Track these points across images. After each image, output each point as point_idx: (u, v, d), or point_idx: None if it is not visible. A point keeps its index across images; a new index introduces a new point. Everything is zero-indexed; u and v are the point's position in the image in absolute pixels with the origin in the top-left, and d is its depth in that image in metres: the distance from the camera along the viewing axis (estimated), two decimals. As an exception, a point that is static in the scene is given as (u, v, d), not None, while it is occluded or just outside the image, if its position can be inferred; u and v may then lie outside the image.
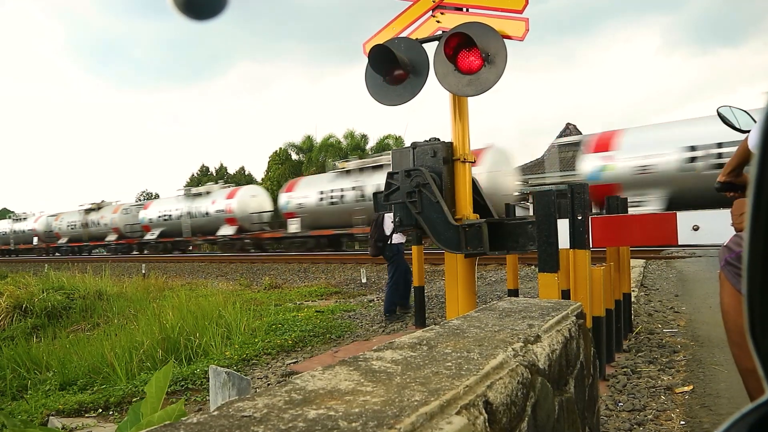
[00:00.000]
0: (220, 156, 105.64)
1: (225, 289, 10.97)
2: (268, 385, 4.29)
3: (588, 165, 14.70)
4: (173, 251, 26.93)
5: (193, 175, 45.19)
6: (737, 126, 2.42)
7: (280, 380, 4.37)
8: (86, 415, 4.12)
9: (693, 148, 12.79)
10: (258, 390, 3.33)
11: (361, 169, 18.77)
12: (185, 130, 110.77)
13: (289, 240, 21.19)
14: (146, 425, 1.43)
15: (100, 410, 4.18)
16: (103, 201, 31.91)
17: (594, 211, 13.64)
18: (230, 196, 23.92)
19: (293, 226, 20.66)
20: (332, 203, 19.27)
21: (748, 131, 2.37)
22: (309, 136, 33.85)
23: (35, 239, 35.89)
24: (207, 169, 45.35)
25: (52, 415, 4.13)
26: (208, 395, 2.88)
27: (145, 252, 28.47)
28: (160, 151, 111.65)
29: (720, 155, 12.33)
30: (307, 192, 20.40)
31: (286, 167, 34.64)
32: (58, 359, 6.01)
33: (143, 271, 16.65)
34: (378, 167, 18.06)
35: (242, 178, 42.06)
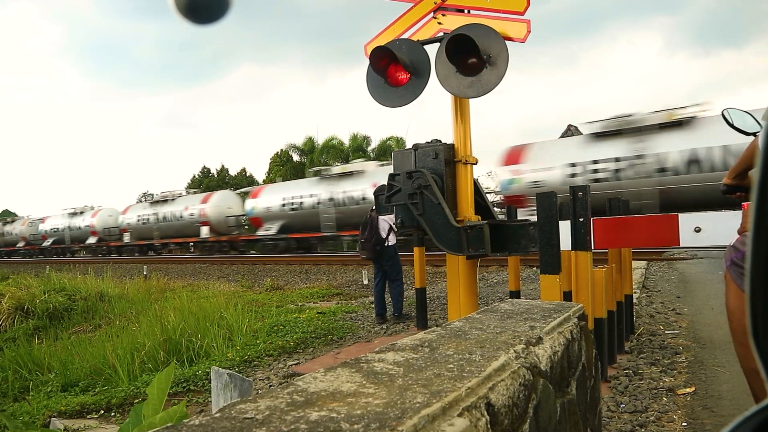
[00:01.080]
0: (221, 157, 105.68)
1: (226, 291, 10.98)
2: (270, 386, 4.29)
3: (500, 177, 16.55)
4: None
5: (194, 176, 45.22)
6: (742, 128, 2.42)
7: (281, 382, 4.37)
8: (88, 417, 4.12)
9: (573, 165, 14.59)
10: (260, 392, 3.33)
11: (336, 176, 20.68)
12: (186, 131, 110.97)
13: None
14: (148, 427, 1.43)
15: (102, 412, 4.19)
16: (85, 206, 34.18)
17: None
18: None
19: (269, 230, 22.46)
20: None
21: (753, 133, 2.37)
22: (310, 138, 33.90)
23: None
24: (208, 170, 45.36)
25: (54, 417, 4.13)
26: (210, 397, 2.88)
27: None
28: (161, 153, 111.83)
29: (596, 171, 14.10)
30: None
31: (287, 169, 34.68)
32: (59, 360, 6.01)
33: (145, 273, 16.67)
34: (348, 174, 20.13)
35: (243, 180, 42.11)
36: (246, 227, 25.12)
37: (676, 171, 13.03)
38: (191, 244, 26.51)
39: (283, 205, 21.44)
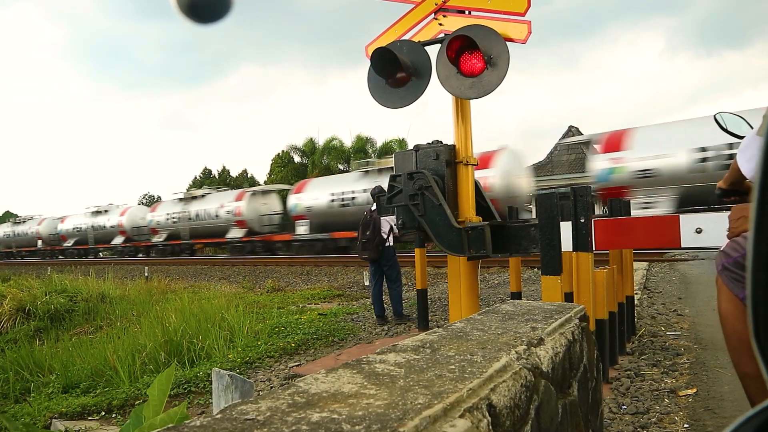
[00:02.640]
0: (222, 158, 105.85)
1: (228, 292, 10.98)
2: (271, 388, 4.29)
3: (598, 165, 14.52)
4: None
5: (195, 177, 45.23)
6: (735, 132, 2.42)
7: (283, 383, 4.37)
8: (89, 418, 4.12)
9: (704, 149, 12.58)
10: (261, 393, 3.33)
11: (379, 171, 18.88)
12: (187, 132, 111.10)
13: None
14: (149, 428, 1.43)
15: (103, 413, 4.19)
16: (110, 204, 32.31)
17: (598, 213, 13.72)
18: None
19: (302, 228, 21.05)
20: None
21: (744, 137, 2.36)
22: (311, 139, 33.88)
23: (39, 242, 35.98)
24: (209, 171, 45.37)
25: (55, 418, 4.14)
26: (211, 398, 2.88)
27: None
28: (163, 154, 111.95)
29: (731, 156, 12.20)
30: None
31: (288, 170, 34.66)
32: (60, 362, 6.01)
33: (146, 274, 16.67)
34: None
35: (245, 181, 42.08)
36: (283, 226, 23.66)
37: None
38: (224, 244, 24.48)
39: (332, 200, 19.48)
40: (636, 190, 13.58)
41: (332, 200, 19.65)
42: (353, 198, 18.84)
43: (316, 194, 20.54)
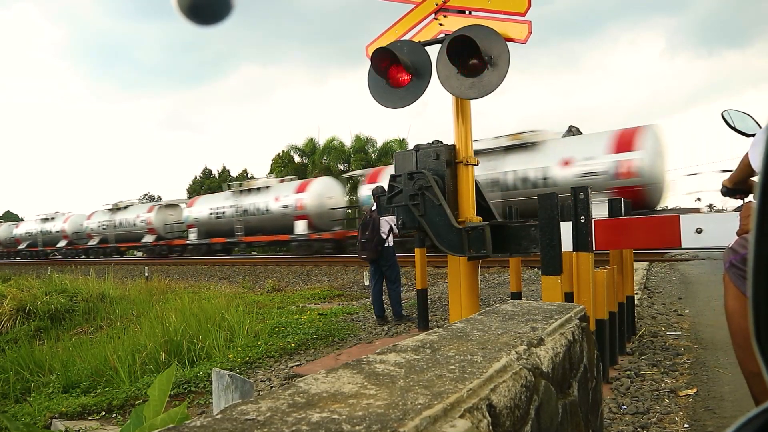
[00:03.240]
0: (222, 158, 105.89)
1: (228, 292, 10.98)
2: (271, 388, 4.29)
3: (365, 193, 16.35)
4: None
5: (195, 177, 45.21)
6: (742, 130, 2.42)
7: (283, 383, 4.37)
8: (89, 418, 4.12)
9: None
10: (261, 393, 3.33)
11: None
12: (188, 132, 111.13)
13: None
14: (149, 428, 1.43)
15: (103, 413, 4.19)
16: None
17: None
18: (301, 189, 22.00)
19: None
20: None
21: (752, 135, 2.36)
22: (312, 139, 33.88)
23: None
24: (209, 171, 45.36)
25: (55, 418, 4.14)
26: (211, 398, 2.88)
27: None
28: (163, 154, 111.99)
29: None
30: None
31: (288, 170, 34.67)
32: (61, 362, 6.01)
33: (146, 274, 16.68)
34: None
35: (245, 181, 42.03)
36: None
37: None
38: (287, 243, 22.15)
39: (210, 213, 22.09)
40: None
41: (210, 213, 23.79)
42: (224, 212, 22.88)
43: (201, 208, 24.59)
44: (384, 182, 17.76)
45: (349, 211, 22.39)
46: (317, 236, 20.13)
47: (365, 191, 18.40)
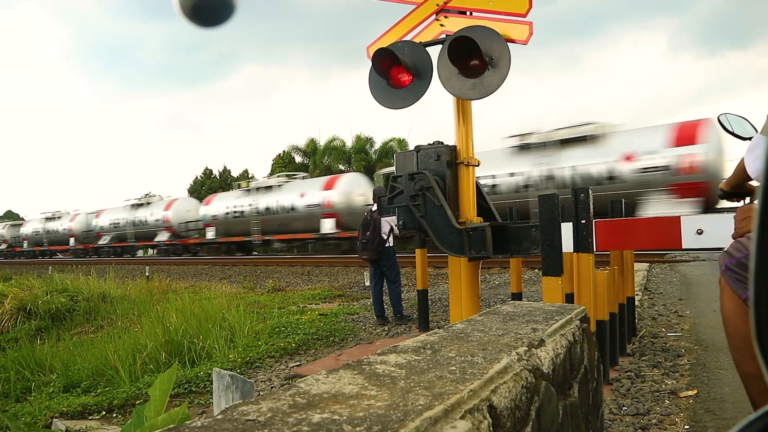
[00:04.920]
0: (223, 158, 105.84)
1: (228, 292, 10.98)
2: (272, 388, 4.29)
3: None
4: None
5: (196, 177, 45.20)
6: (739, 134, 2.42)
7: (283, 383, 4.37)
8: (90, 418, 4.12)
9: None
10: (261, 393, 3.33)
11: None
12: (189, 132, 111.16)
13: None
14: (150, 428, 1.43)
15: (104, 413, 4.19)
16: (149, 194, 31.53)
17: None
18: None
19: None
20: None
21: (748, 138, 2.36)
22: (312, 139, 33.88)
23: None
24: (210, 171, 45.35)
25: (56, 418, 4.14)
26: (212, 398, 2.88)
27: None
28: (165, 154, 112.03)
29: None
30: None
31: (289, 170, 34.67)
32: (61, 361, 6.01)
33: (147, 274, 16.69)
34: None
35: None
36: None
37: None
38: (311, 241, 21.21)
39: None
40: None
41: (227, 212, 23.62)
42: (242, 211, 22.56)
43: (218, 206, 24.65)
44: (338, 190, 17.90)
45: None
46: (347, 234, 19.06)
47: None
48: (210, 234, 24.72)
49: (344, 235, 19.14)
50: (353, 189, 20.14)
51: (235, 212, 23.41)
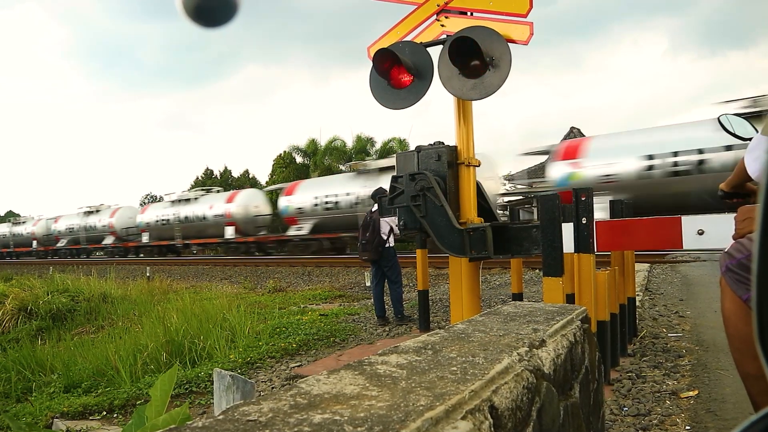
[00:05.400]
0: (224, 159, 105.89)
1: (229, 293, 10.98)
2: (273, 388, 4.29)
3: (556, 172, 15.53)
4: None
5: (197, 177, 45.23)
6: (740, 134, 2.42)
7: (284, 384, 4.37)
8: (90, 418, 4.13)
9: (651, 157, 13.35)
10: (262, 393, 3.33)
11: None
12: (189, 132, 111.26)
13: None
14: (151, 428, 1.43)
15: (105, 413, 4.19)
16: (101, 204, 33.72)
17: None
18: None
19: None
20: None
21: (749, 139, 2.36)
22: (313, 139, 33.87)
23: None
24: (211, 171, 45.38)
25: (57, 418, 4.14)
26: (213, 398, 2.88)
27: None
28: (164, 154, 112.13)
29: (676, 164, 12.94)
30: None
31: (290, 171, 34.67)
32: (62, 362, 6.02)
33: (147, 274, 16.69)
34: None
35: (246, 182, 42.10)
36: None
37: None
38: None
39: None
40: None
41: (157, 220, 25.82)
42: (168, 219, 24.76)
43: (151, 214, 27.52)
44: (300, 195, 18.45)
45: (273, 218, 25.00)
46: (243, 240, 23.66)
47: (284, 202, 21.84)
48: (145, 238, 28.52)
49: (241, 240, 23.80)
50: (250, 202, 24.41)
51: (163, 220, 27.37)
